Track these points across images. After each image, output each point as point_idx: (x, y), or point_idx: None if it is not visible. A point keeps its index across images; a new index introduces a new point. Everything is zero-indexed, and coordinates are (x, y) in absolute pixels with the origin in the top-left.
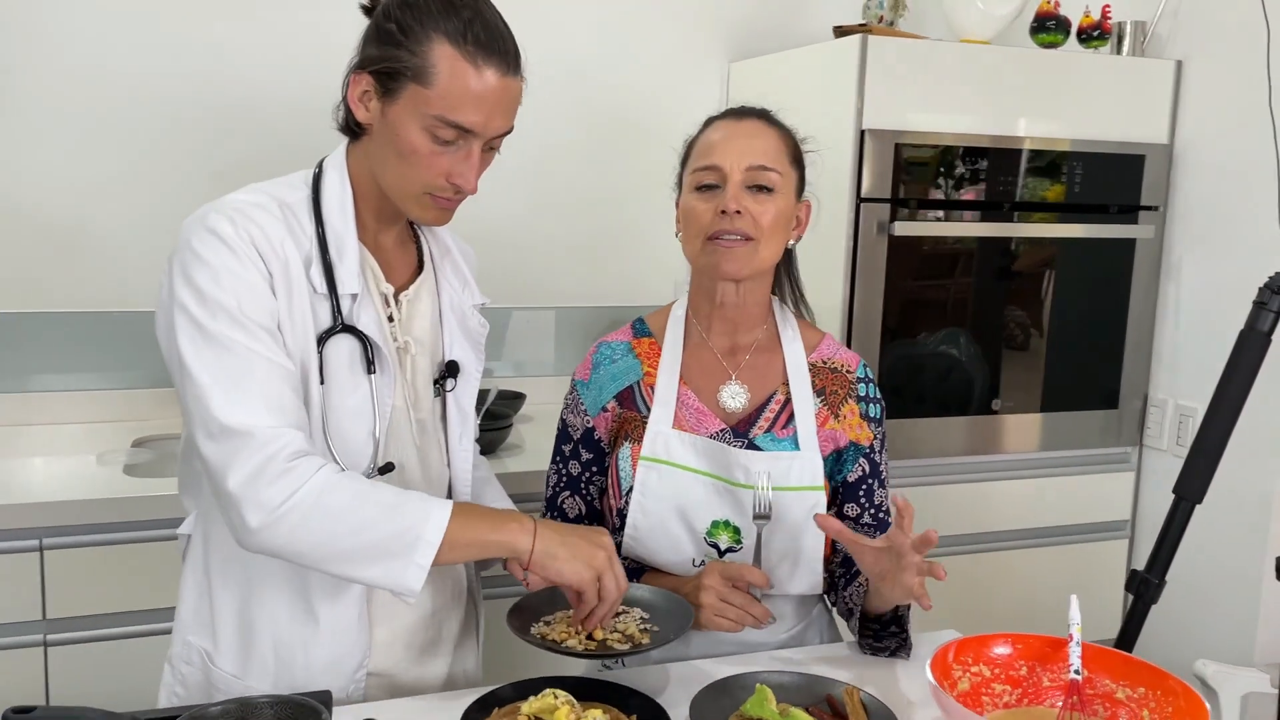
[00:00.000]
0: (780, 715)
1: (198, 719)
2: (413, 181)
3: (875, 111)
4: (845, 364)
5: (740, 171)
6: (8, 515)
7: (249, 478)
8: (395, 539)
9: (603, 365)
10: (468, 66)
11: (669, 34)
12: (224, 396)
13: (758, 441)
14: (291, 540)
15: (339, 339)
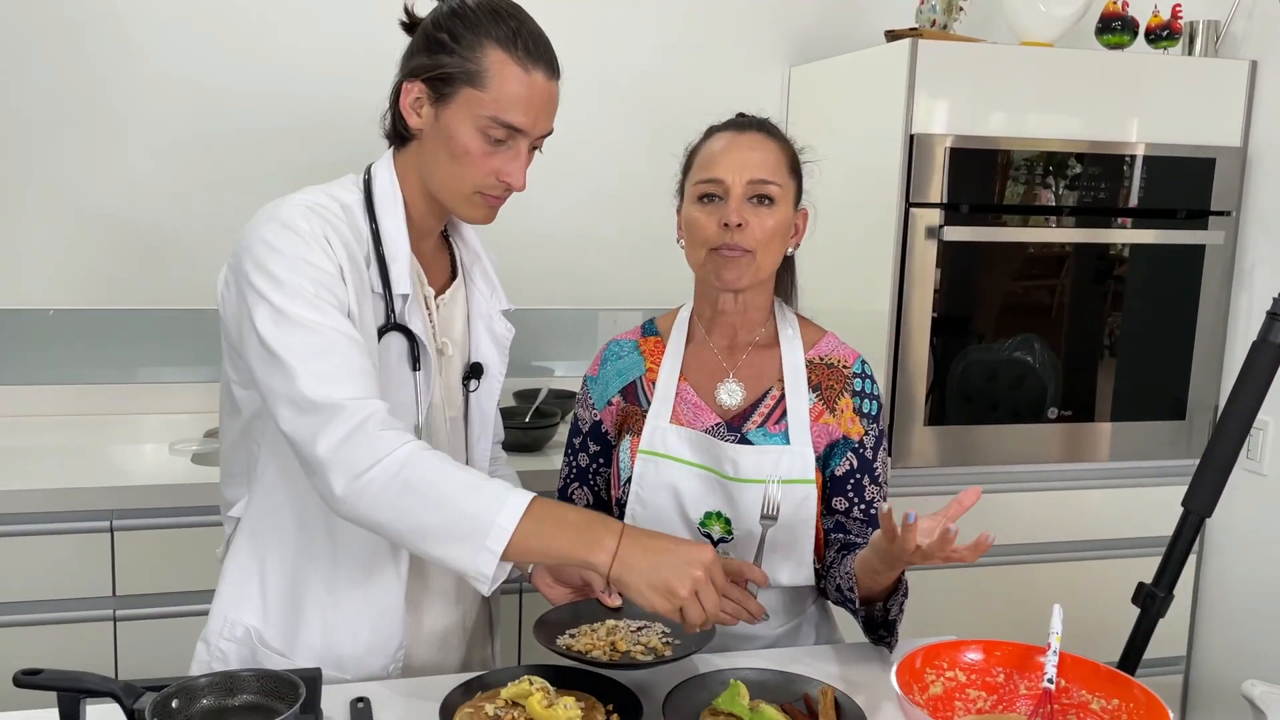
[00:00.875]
0: (751, 711)
1: (187, 688)
2: (465, 181)
3: (925, 116)
4: (843, 360)
5: (742, 185)
6: (82, 497)
7: (338, 443)
8: (471, 520)
9: (610, 362)
10: (519, 70)
11: (730, 39)
12: (310, 373)
13: (750, 436)
14: (374, 508)
15: (390, 337)
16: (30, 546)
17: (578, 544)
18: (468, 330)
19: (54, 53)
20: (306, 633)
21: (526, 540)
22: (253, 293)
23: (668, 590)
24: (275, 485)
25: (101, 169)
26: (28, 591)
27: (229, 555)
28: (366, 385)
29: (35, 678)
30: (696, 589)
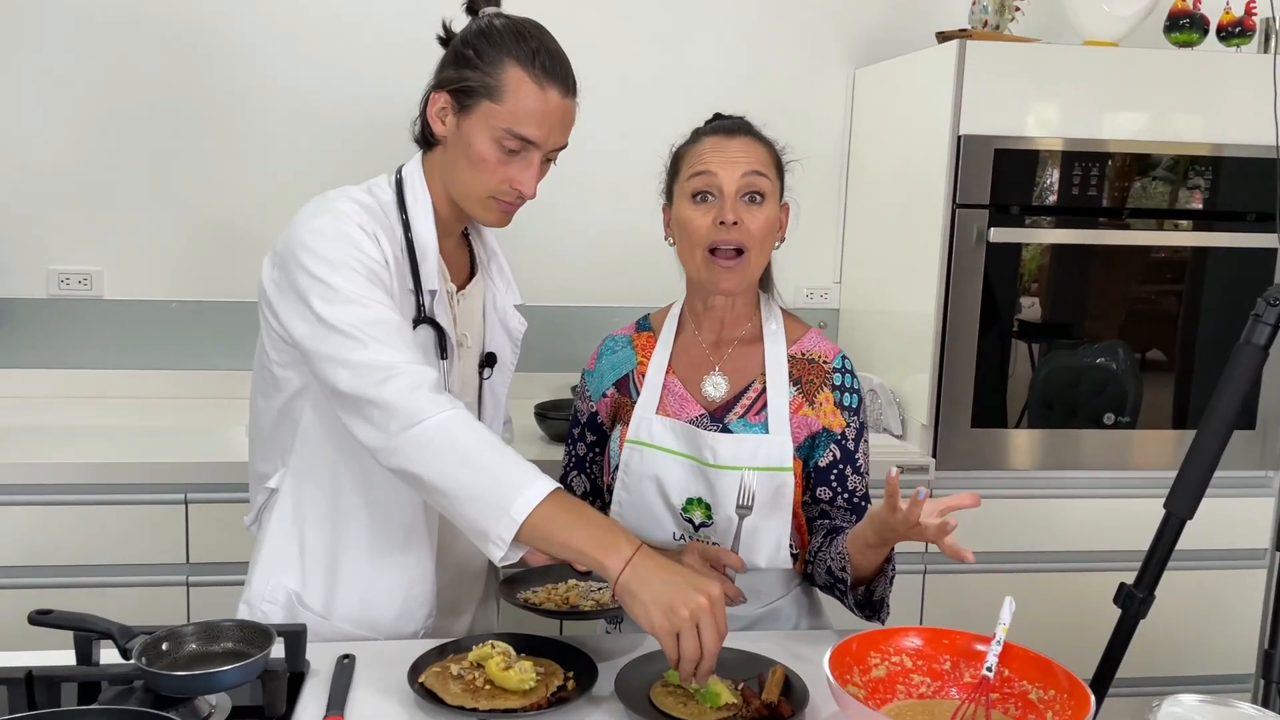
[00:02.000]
0: (696, 686)
1: (175, 634)
2: (480, 187)
3: (973, 117)
4: (823, 355)
5: (735, 181)
6: (159, 472)
7: (398, 393)
8: (502, 487)
9: (605, 356)
10: (534, 87)
11: (794, 41)
12: (371, 338)
13: (731, 426)
14: (417, 458)
15: (420, 329)
16: (114, 515)
17: (596, 543)
18: (484, 323)
19: (164, 67)
20: (343, 596)
21: (548, 523)
22: (307, 277)
23: (669, 608)
24: (314, 459)
25: (207, 173)
26: (111, 555)
27: (270, 522)
28: (418, 355)
29: (46, 617)
30: (698, 617)
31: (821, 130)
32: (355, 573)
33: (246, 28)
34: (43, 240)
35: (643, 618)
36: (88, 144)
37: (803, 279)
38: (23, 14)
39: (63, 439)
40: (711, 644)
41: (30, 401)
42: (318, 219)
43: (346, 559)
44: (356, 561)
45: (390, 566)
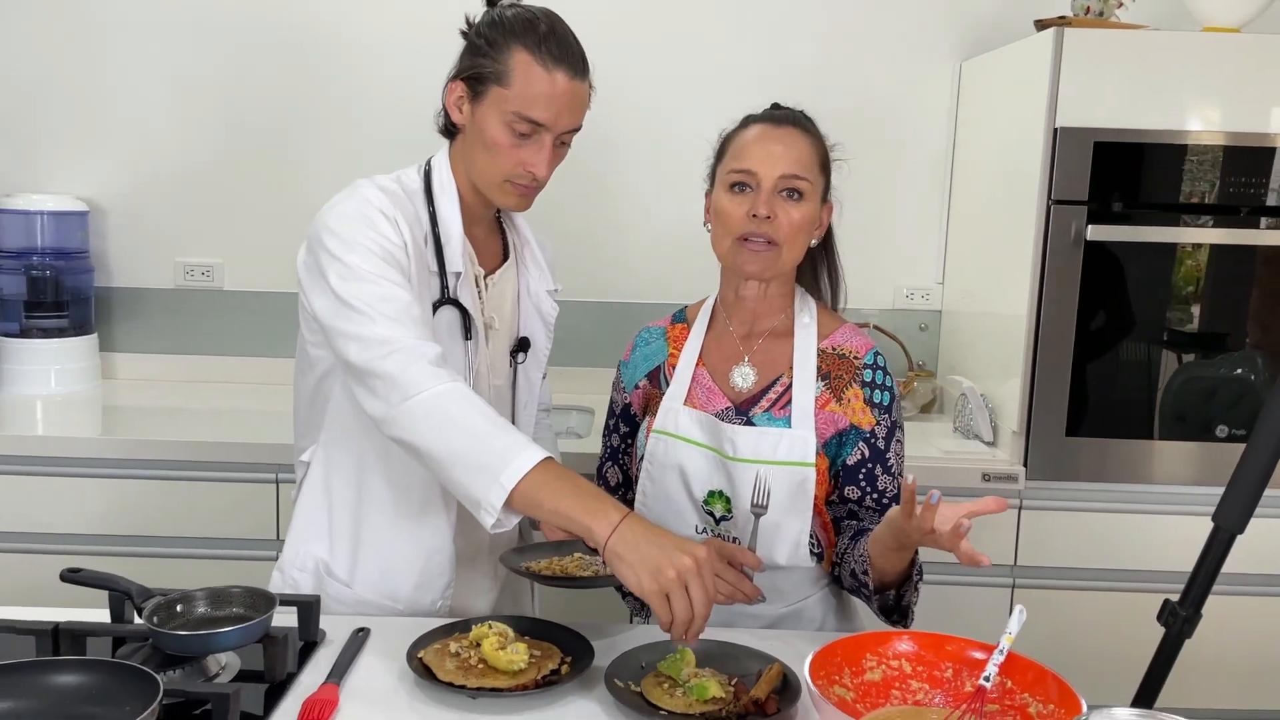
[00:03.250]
0: (687, 679)
1: (186, 596)
2: (495, 171)
3: (1072, 108)
4: (854, 351)
5: (773, 178)
6: (252, 452)
7: (399, 366)
8: (493, 454)
9: (639, 347)
10: (540, 70)
11: (897, 32)
12: (379, 314)
13: (755, 420)
14: (416, 428)
15: (444, 310)
16: (209, 491)
17: (584, 509)
18: (517, 308)
19: (279, 73)
20: (365, 566)
21: (538, 490)
22: (327, 256)
23: (656, 569)
24: (341, 435)
25: (318, 172)
26: (205, 529)
27: (302, 494)
28: (424, 332)
29: (76, 575)
30: (685, 577)
31: (926, 125)
32: (376, 542)
33: (356, 32)
34: (170, 235)
35: (631, 580)
36: (211, 146)
37: (903, 279)
38: (151, 22)
39: (182, 419)
40: (701, 604)
41: (156, 384)
42: (342, 204)
43: (368, 528)
44: (377, 531)
45: (408, 536)
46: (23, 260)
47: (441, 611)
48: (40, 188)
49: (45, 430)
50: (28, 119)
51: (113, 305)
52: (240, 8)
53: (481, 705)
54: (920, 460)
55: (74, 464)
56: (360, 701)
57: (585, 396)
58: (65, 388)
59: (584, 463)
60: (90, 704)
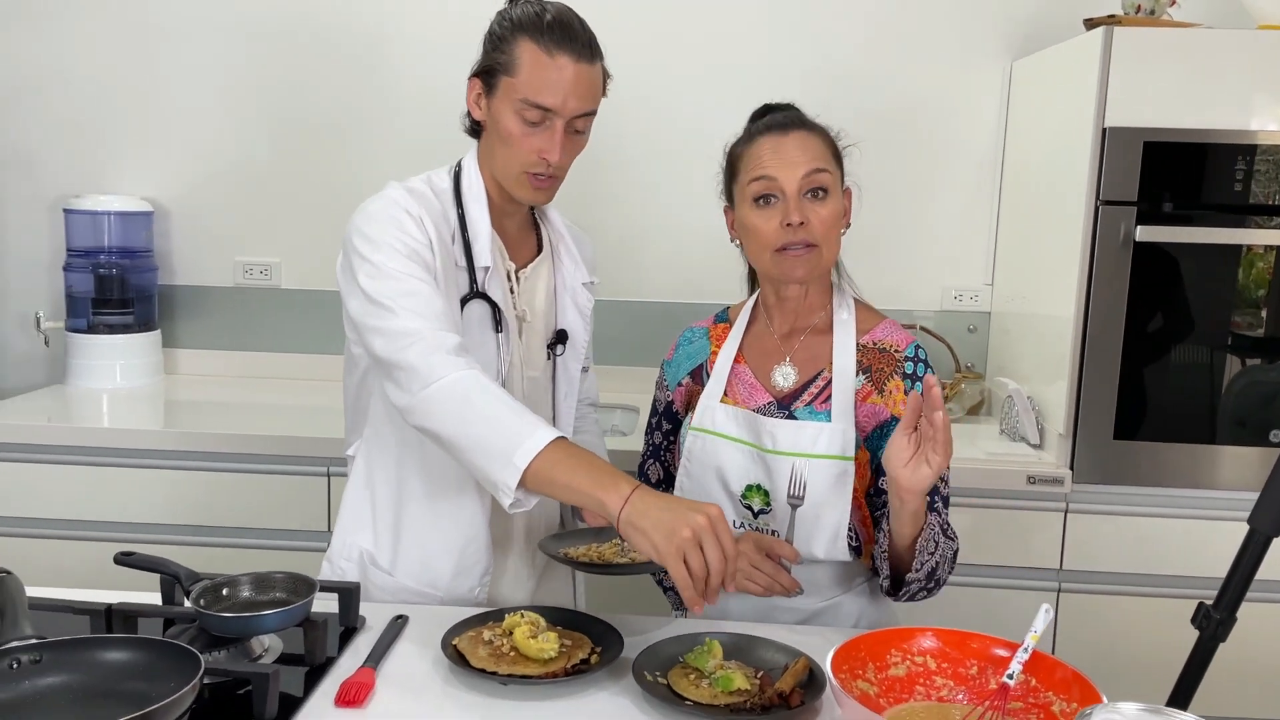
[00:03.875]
0: (713, 670)
1: (232, 581)
2: (513, 163)
3: (1121, 108)
4: (895, 344)
5: (796, 182)
6: (304, 446)
7: (419, 355)
8: (506, 437)
9: (682, 347)
10: (544, 55)
11: (945, 31)
12: (403, 308)
13: (797, 414)
14: (434, 414)
15: (473, 304)
16: (264, 483)
17: (596, 483)
18: (554, 301)
19: (331, 77)
20: (406, 555)
21: (550, 469)
22: (357, 257)
23: (670, 531)
24: (381, 429)
25: (370, 173)
26: (259, 520)
27: (348, 488)
28: (446, 324)
29: (129, 558)
30: (700, 535)
31: (975, 126)
32: (415, 532)
33: (405, 32)
34: (230, 234)
35: (646, 546)
36: (268, 148)
37: (951, 280)
38: (210, 27)
39: (239, 413)
40: (716, 561)
41: (216, 379)
42: (370, 206)
43: (407, 519)
44: (416, 521)
45: (445, 525)
46: (91, 259)
47: (479, 599)
48: (107, 189)
49: (110, 422)
50: (95, 123)
51: (175, 303)
52: (294, 11)
53: (512, 691)
54: (965, 462)
55: (136, 455)
56: (395, 685)
57: (629, 395)
58: (129, 382)
59: (628, 460)
60: (136, 679)
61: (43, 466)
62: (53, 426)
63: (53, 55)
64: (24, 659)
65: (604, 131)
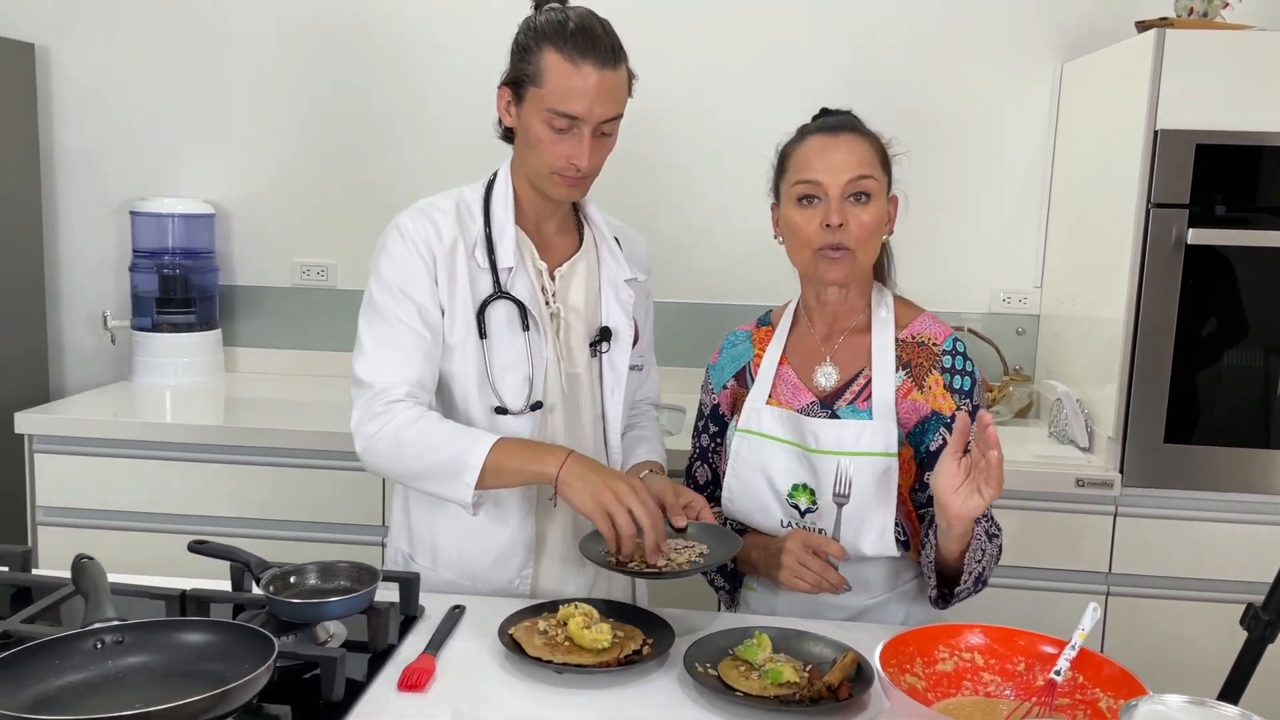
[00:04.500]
0: (763, 663)
1: (299, 569)
2: (542, 166)
3: (1173, 110)
4: (933, 338)
5: (840, 186)
6: None
7: (360, 418)
8: (448, 463)
9: (726, 350)
10: (569, 66)
11: (994, 33)
12: (366, 355)
13: (840, 413)
14: (381, 462)
15: (498, 303)
16: (321, 478)
17: (534, 459)
18: (598, 298)
19: (384, 86)
20: (445, 551)
21: (495, 468)
22: (369, 282)
23: (597, 492)
24: None
25: (422, 178)
26: (316, 514)
27: (395, 497)
28: (404, 370)
29: (202, 545)
30: (625, 499)
31: (1024, 128)
32: (451, 534)
33: (456, 44)
34: (288, 236)
35: (578, 502)
36: (324, 152)
37: (999, 282)
38: (267, 35)
39: (297, 410)
40: (643, 517)
41: (274, 377)
42: (388, 230)
43: (441, 524)
44: (450, 525)
45: (481, 526)
46: (155, 259)
47: (521, 589)
48: (171, 192)
49: (173, 418)
50: (160, 128)
51: (235, 302)
52: (348, 20)
53: (566, 680)
54: (1012, 465)
55: (198, 450)
56: (454, 672)
57: (676, 395)
58: (191, 379)
59: (674, 459)
60: (213, 660)
61: (109, 460)
62: (118, 421)
63: (120, 64)
64: (108, 639)
65: (655, 134)
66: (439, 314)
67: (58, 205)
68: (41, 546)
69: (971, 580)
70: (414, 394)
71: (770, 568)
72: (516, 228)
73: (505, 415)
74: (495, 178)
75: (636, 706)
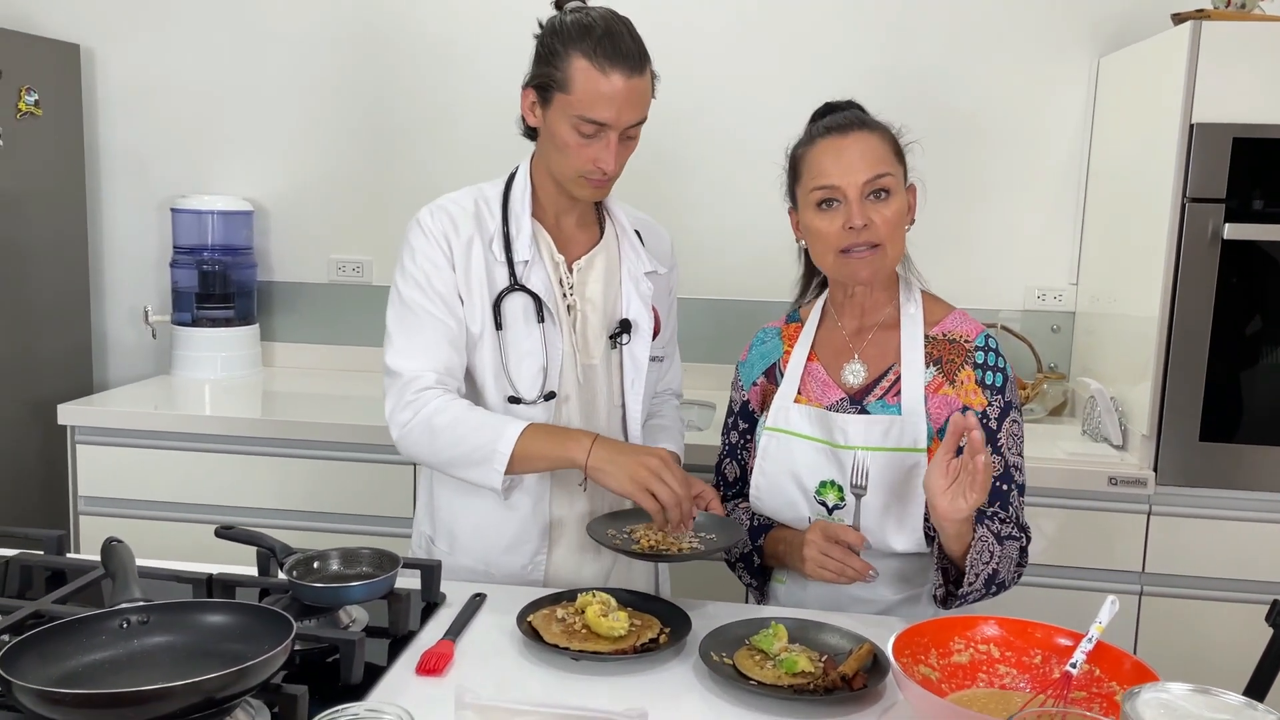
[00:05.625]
0: (779, 653)
1: (322, 554)
2: (569, 168)
3: (1209, 104)
4: (965, 335)
5: (857, 187)
6: None
7: (393, 407)
8: (479, 450)
9: (755, 347)
10: (597, 74)
11: (1033, 29)
12: (395, 346)
13: (869, 408)
14: (415, 449)
15: (514, 295)
16: (355, 471)
17: (559, 445)
18: (619, 291)
19: (418, 83)
20: (463, 537)
21: (524, 455)
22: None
23: (631, 470)
24: None
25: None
26: (349, 506)
27: (419, 483)
28: (433, 358)
29: (229, 531)
30: (659, 471)
31: (1060, 123)
32: (468, 520)
33: (487, 45)
34: (325, 233)
35: (615, 484)
36: (360, 150)
37: (1034, 280)
38: (303, 34)
39: (333, 404)
40: (677, 487)
41: (311, 372)
42: (410, 225)
43: (459, 509)
44: (469, 505)
45: (495, 514)
46: (195, 256)
47: (535, 575)
48: (210, 189)
49: (212, 411)
50: (200, 126)
51: (273, 298)
52: (386, 20)
53: (583, 667)
54: (1045, 463)
55: (236, 442)
56: (473, 657)
57: (706, 391)
58: (230, 373)
59: (704, 455)
60: (234, 641)
61: (149, 452)
62: (159, 414)
63: (163, 65)
64: (133, 619)
65: (686, 131)
66: (461, 304)
67: (102, 203)
68: (83, 534)
69: (980, 581)
70: (443, 380)
71: (795, 560)
72: (535, 221)
73: (520, 405)
74: (515, 173)
75: (651, 694)
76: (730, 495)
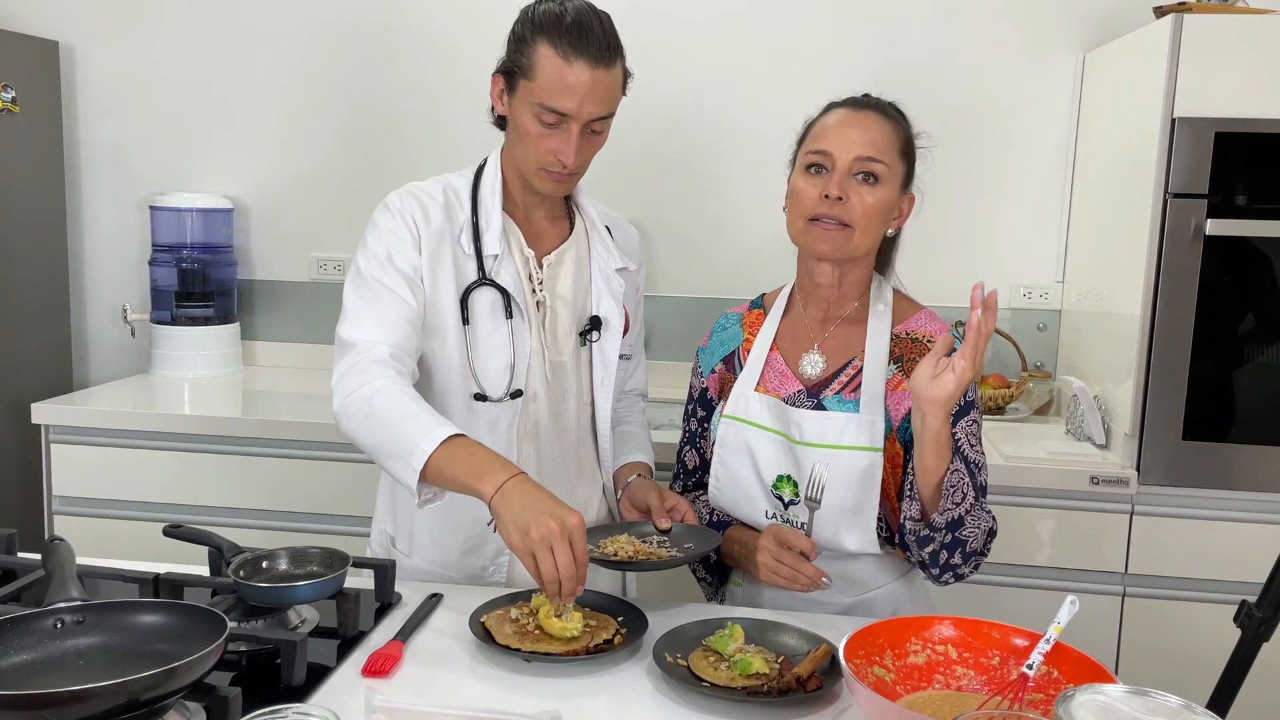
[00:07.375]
0: (733, 654)
1: (271, 554)
2: (530, 159)
3: (1191, 98)
4: (929, 335)
5: (848, 160)
6: None
7: (341, 374)
8: (404, 440)
9: (716, 333)
10: (561, 62)
11: (1018, 24)
12: (351, 318)
13: (826, 403)
14: (351, 424)
15: (482, 290)
16: (335, 471)
17: (474, 474)
18: (589, 287)
19: (397, 82)
20: (420, 538)
21: (440, 465)
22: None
23: (523, 529)
24: None
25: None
26: (330, 506)
27: (381, 478)
28: (389, 332)
29: (177, 530)
30: (550, 541)
31: (1046, 120)
32: (426, 518)
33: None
34: (306, 231)
35: (505, 538)
36: (341, 148)
37: (1021, 278)
38: (286, 32)
39: (313, 403)
40: (566, 567)
41: (291, 370)
42: (377, 207)
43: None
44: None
45: (453, 513)
46: (174, 254)
47: (496, 577)
48: (190, 187)
49: (191, 410)
50: (180, 124)
51: (253, 296)
52: (364, 18)
53: (534, 668)
54: (1027, 463)
55: (215, 441)
56: (423, 658)
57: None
58: (210, 372)
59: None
60: (167, 641)
61: (125, 451)
62: (138, 413)
63: (142, 62)
64: (67, 619)
65: (671, 127)
66: (423, 285)
67: (81, 200)
68: (57, 534)
69: (946, 521)
70: (397, 356)
71: (749, 564)
72: (504, 215)
73: (485, 402)
74: (485, 164)
75: (602, 696)
76: (690, 485)
